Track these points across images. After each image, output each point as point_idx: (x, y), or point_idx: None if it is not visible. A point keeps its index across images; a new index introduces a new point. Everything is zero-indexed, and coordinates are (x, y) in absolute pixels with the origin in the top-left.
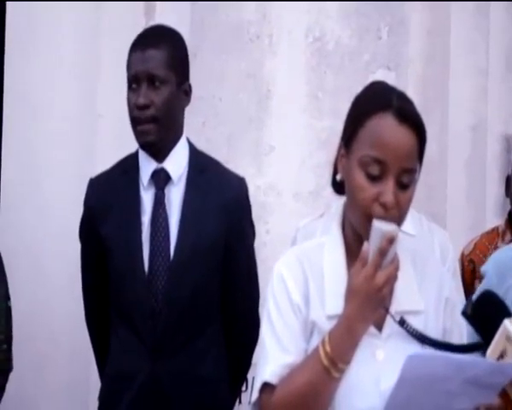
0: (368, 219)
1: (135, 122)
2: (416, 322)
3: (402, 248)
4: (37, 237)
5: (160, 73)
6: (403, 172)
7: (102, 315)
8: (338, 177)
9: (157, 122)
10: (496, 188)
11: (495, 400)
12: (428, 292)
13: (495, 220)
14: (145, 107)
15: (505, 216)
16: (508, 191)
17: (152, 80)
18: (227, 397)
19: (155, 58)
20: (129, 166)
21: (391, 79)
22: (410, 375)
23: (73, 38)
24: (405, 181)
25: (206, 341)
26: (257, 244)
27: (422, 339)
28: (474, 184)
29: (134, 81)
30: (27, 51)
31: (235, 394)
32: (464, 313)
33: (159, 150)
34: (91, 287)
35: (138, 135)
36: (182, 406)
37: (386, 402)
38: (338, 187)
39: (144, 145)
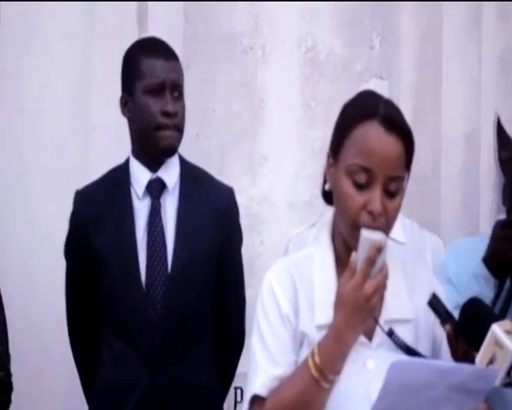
0: (356, 228)
1: (158, 128)
2: (406, 331)
3: (391, 257)
4: (27, 250)
5: (182, 84)
6: (390, 180)
7: (90, 331)
8: (326, 186)
9: (180, 131)
10: (490, 196)
11: (481, 405)
12: (418, 300)
13: (489, 229)
14: (174, 115)
15: None
16: (504, 200)
17: (174, 90)
18: (221, 405)
19: (178, 69)
20: (119, 176)
21: (383, 88)
22: (394, 382)
23: (66, 49)
24: (393, 189)
25: (202, 349)
26: (251, 255)
27: (409, 351)
28: (468, 192)
29: (158, 88)
30: (19, 62)
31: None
32: (430, 304)
33: (160, 160)
34: (79, 304)
35: (161, 139)
36: None
37: None
38: (328, 197)
39: (166, 150)
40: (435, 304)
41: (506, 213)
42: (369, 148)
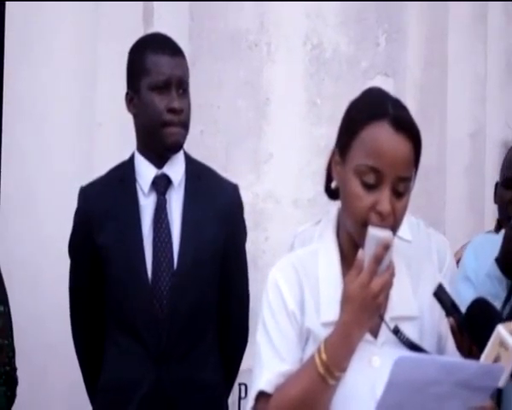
0: (363, 226)
1: (164, 125)
2: (411, 328)
3: (397, 254)
4: (32, 248)
5: (187, 80)
6: (399, 181)
7: (93, 329)
8: (333, 184)
9: (185, 128)
10: None
11: (487, 402)
12: (423, 298)
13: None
14: (180, 111)
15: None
16: (496, 198)
17: (180, 87)
18: (226, 401)
19: (184, 65)
20: (124, 173)
21: (389, 85)
22: (399, 379)
23: (71, 46)
24: (401, 189)
25: (207, 346)
26: (256, 252)
27: (415, 348)
28: (473, 190)
29: (164, 85)
30: (25, 60)
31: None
32: (436, 294)
33: (166, 156)
34: (82, 302)
35: (167, 136)
36: None
37: (376, 407)
38: (331, 193)
39: (172, 146)
40: (441, 295)
41: (498, 211)
42: (379, 149)
